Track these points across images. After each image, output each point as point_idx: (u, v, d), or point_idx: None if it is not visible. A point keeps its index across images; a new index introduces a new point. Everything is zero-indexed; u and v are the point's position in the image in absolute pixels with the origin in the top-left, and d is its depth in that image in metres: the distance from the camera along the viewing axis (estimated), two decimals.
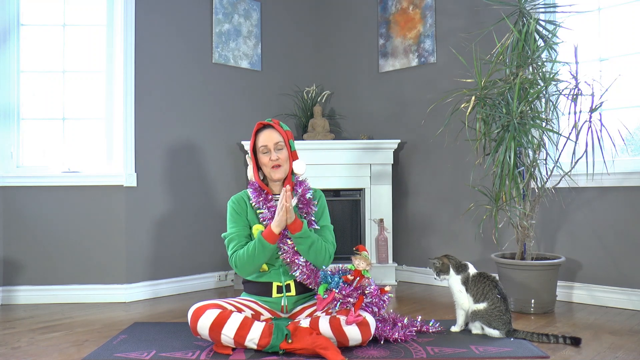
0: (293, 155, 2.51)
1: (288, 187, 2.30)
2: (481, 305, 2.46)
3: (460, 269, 2.55)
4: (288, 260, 2.40)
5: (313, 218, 2.51)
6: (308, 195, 2.51)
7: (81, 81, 3.53)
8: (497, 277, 2.58)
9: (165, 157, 3.64)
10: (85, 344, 2.44)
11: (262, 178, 2.57)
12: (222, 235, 2.53)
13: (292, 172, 2.51)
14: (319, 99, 4.31)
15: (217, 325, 2.15)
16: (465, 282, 2.52)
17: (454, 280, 2.54)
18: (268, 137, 2.48)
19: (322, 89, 4.42)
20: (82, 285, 3.38)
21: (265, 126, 2.53)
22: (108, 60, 3.50)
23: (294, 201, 2.48)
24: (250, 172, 2.58)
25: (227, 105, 3.98)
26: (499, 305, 2.43)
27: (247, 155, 3.82)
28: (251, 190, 2.52)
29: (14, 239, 3.34)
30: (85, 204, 3.41)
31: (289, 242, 2.40)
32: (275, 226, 2.33)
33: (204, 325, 2.17)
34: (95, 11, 3.53)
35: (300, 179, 2.57)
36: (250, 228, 2.49)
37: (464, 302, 2.52)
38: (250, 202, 2.51)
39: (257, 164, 2.55)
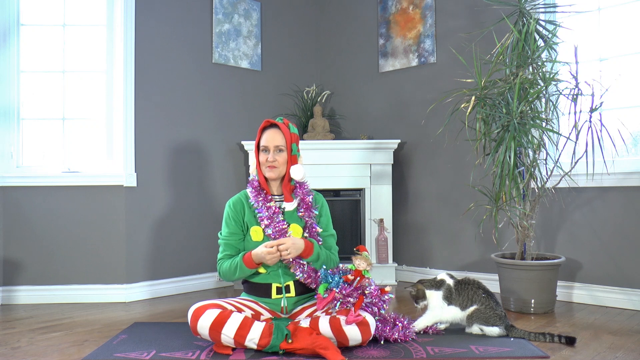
0: (293, 160, 2.50)
1: (278, 249, 2.33)
2: (471, 309, 2.48)
3: (438, 284, 2.54)
4: (292, 261, 2.40)
5: (314, 221, 2.51)
6: (309, 200, 2.51)
7: (81, 81, 3.53)
8: (475, 277, 2.59)
9: (165, 157, 3.64)
10: (85, 344, 2.44)
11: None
12: (218, 233, 2.55)
13: (290, 176, 2.51)
14: (319, 99, 4.31)
15: (217, 325, 2.15)
16: (449, 295, 2.51)
17: (434, 297, 2.53)
18: (270, 138, 2.48)
19: (322, 89, 4.42)
20: (82, 285, 3.38)
21: (271, 125, 2.53)
22: (108, 60, 3.50)
23: (294, 204, 2.49)
24: (253, 167, 2.59)
25: (227, 105, 3.98)
26: (488, 302, 2.46)
27: (251, 151, 3.83)
28: (251, 189, 2.52)
29: (14, 239, 3.34)
30: (85, 204, 3.41)
31: None
32: (256, 258, 2.37)
33: (204, 325, 2.17)
34: (95, 11, 3.53)
35: (300, 182, 2.56)
36: (247, 230, 2.49)
37: (444, 317, 2.52)
38: (250, 201, 2.51)
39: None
